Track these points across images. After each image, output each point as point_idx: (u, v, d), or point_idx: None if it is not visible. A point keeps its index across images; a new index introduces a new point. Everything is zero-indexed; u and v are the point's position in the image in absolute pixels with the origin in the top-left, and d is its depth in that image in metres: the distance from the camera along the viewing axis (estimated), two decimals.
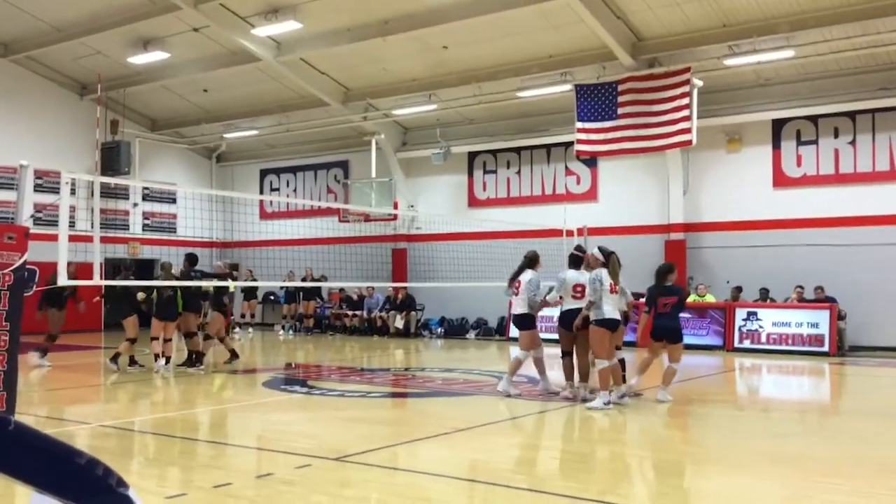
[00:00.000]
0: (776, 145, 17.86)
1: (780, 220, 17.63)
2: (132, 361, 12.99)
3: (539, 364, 10.09)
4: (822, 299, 16.26)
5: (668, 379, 9.61)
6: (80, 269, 12.81)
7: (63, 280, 8.56)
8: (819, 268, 16.85)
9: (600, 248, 9.52)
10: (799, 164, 17.62)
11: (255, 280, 21.38)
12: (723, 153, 18.47)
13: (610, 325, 9.06)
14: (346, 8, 17.34)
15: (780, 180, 17.82)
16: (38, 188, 20.45)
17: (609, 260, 9.31)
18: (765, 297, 17.16)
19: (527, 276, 10.10)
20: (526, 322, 10.05)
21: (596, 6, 15.65)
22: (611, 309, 9.11)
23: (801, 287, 16.44)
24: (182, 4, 17.18)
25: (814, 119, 17.34)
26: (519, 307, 10.09)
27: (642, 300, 11.25)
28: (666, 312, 9.60)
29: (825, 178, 17.31)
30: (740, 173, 18.23)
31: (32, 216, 10.55)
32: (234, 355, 13.90)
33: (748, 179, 18.11)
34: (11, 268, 7.07)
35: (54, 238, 15.18)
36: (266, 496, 5.37)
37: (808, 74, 17.03)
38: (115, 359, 12.93)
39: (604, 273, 9.19)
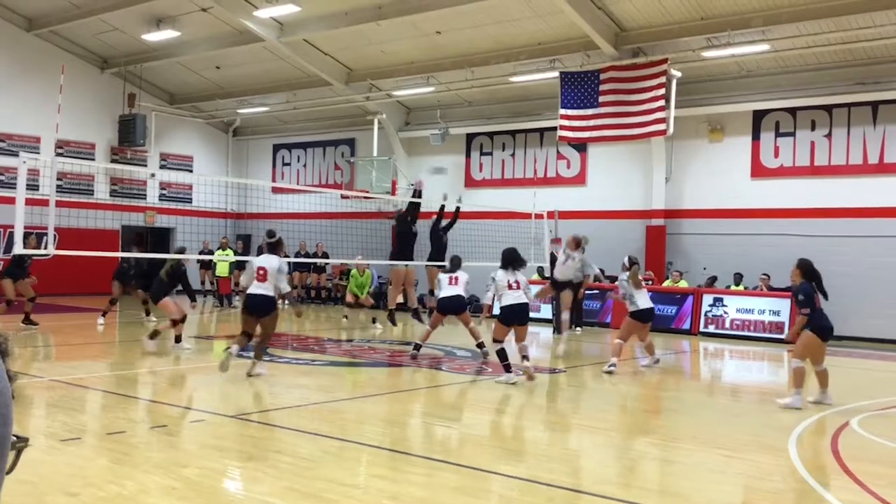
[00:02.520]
0: (756, 136, 18.25)
1: (756, 209, 18.05)
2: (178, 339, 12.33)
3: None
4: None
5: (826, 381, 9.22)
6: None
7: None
8: (792, 258, 17.08)
9: (629, 258, 11.88)
10: (777, 156, 18.00)
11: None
12: (705, 142, 18.90)
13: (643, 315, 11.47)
14: None
15: (758, 170, 18.22)
16: (58, 153, 21.66)
17: (632, 268, 11.63)
18: (738, 281, 17.64)
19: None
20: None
21: None
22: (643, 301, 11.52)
23: (767, 275, 16.88)
24: None
25: (792, 111, 17.68)
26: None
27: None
28: (821, 310, 9.38)
29: (801, 170, 17.68)
30: (721, 162, 18.67)
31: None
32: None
33: (728, 169, 18.55)
34: None
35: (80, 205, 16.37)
36: (148, 443, 6.27)
37: (788, 67, 17.36)
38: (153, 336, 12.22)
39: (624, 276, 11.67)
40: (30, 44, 22.69)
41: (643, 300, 11.52)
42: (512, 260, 10.21)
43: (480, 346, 11.68)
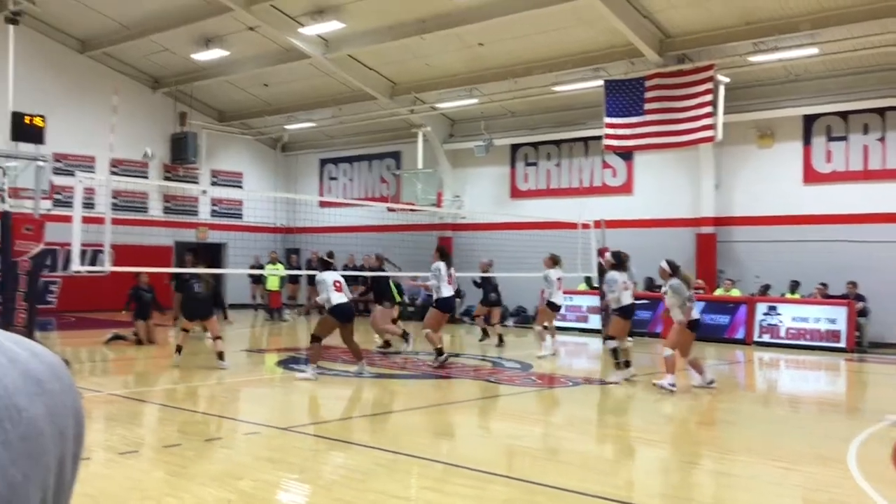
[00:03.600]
0: (807, 141, 17.93)
1: (809, 215, 17.70)
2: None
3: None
4: (854, 296, 16.31)
5: None
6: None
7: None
8: (847, 264, 16.89)
9: (668, 262, 10.54)
10: (829, 160, 17.66)
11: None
12: (754, 148, 18.62)
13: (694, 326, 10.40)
14: (385, 8, 18.24)
15: (810, 176, 17.88)
16: (113, 172, 22.18)
17: (677, 272, 10.40)
18: (794, 289, 17.30)
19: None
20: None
21: (619, 5, 16.08)
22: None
23: (824, 284, 16.52)
24: (234, 6, 18.43)
25: (844, 115, 17.33)
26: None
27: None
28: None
29: (854, 175, 17.30)
30: (771, 168, 18.36)
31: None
32: (392, 342, 15.13)
33: (779, 175, 18.23)
34: (29, 255, 8.31)
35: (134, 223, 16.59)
36: (203, 456, 6.38)
37: (837, 71, 17.04)
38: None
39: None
40: (83, 66, 23.32)
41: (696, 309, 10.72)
42: (625, 261, 11.19)
43: (440, 351, 12.35)
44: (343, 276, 21.97)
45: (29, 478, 0.66)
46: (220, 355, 11.74)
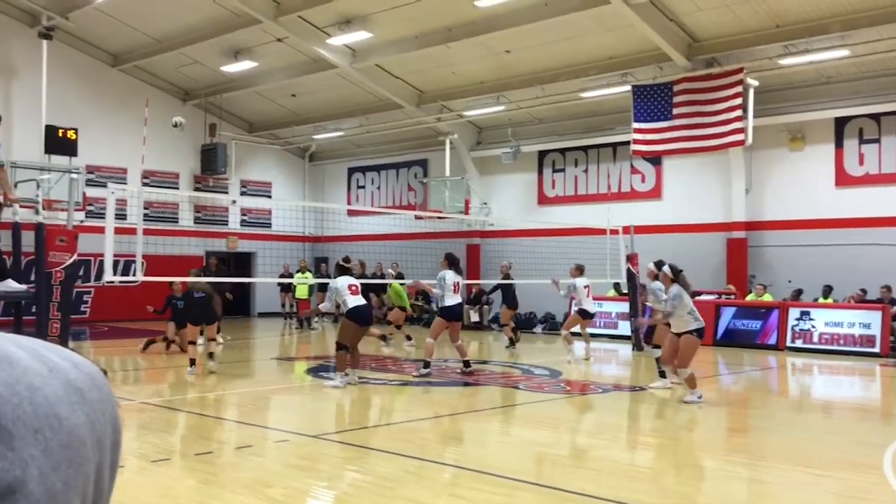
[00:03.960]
0: (839, 143, 17.71)
1: (842, 219, 17.47)
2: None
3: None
4: (889, 300, 16.06)
5: None
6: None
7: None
8: (881, 268, 16.64)
9: (670, 266, 9.94)
10: (861, 163, 17.42)
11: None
12: (785, 151, 18.42)
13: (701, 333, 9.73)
14: (412, 17, 18.31)
15: (843, 179, 17.66)
16: (144, 183, 22.47)
17: (678, 277, 9.84)
18: (827, 294, 17.06)
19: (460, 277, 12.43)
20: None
21: (646, 10, 16.00)
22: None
23: (864, 290, 16.28)
24: (263, 18, 18.62)
25: (876, 117, 17.10)
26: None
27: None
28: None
29: (888, 177, 17.06)
30: (803, 172, 18.16)
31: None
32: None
33: (811, 178, 18.02)
34: (63, 266, 8.44)
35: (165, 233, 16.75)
36: (234, 463, 6.43)
37: (870, 72, 16.82)
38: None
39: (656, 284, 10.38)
40: (115, 79, 23.67)
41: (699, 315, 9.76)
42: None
43: (467, 363, 12.27)
44: (372, 283, 22.20)
45: (69, 486, 0.67)
46: (211, 355, 12.13)
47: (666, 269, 9.98)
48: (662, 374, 10.96)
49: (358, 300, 10.74)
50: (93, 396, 0.71)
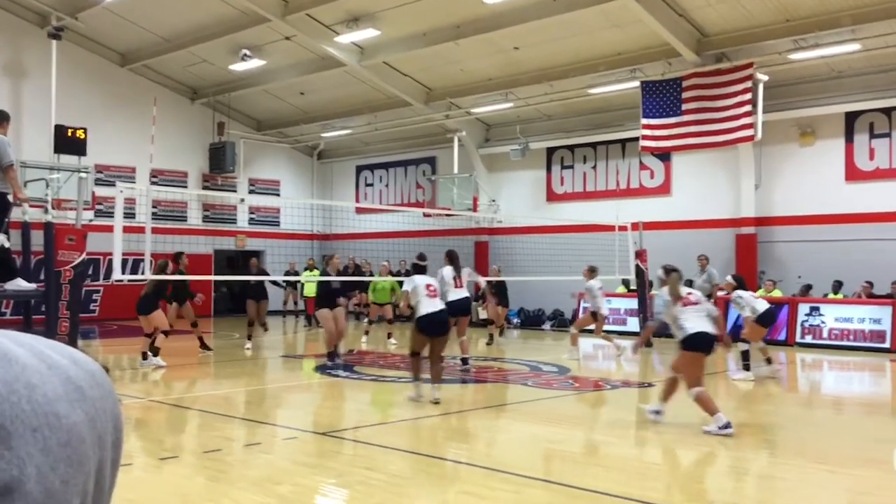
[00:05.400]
0: (849, 138, 17.60)
1: (852, 213, 17.36)
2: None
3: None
4: None
5: None
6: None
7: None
8: (891, 263, 16.52)
9: (662, 268, 8.81)
10: (872, 158, 17.31)
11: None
12: (795, 146, 18.32)
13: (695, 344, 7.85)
14: (420, 14, 18.28)
15: (853, 174, 17.55)
16: (153, 182, 22.51)
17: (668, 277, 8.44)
18: (837, 289, 16.99)
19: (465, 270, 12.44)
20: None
21: (654, 5, 15.94)
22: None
23: (870, 282, 16.19)
24: (271, 16, 18.62)
25: (887, 111, 16.99)
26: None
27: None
28: None
29: None
30: (813, 167, 18.06)
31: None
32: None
33: (821, 173, 17.92)
34: (72, 265, 8.46)
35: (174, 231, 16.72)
36: (243, 461, 6.43)
37: (881, 66, 16.70)
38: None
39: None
40: (123, 78, 23.72)
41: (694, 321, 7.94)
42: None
43: (465, 360, 12.33)
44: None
45: (68, 484, 0.66)
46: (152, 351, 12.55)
47: (659, 271, 8.74)
48: (747, 367, 11.51)
49: (434, 305, 9.27)
50: (93, 394, 0.70)
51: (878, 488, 5.84)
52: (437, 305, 9.29)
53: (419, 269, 10.10)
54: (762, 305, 11.92)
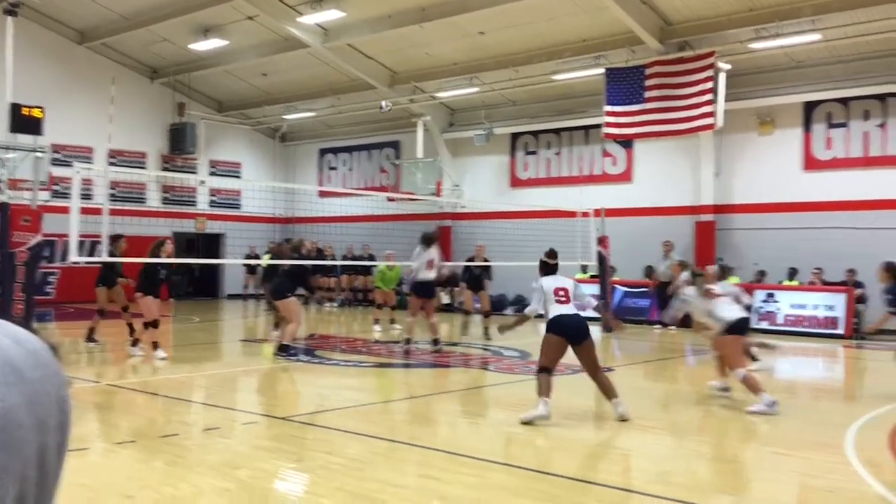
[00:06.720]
0: (807, 128, 17.89)
1: (809, 202, 17.68)
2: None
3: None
4: (853, 283, 16.30)
5: None
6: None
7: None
8: (846, 251, 16.86)
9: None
10: (829, 147, 17.62)
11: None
12: (754, 135, 18.57)
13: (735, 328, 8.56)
14: None
15: (810, 163, 17.85)
16: (111, 163, 22.10)
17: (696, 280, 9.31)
18: (792, 276, 17.31)
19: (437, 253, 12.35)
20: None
21: None
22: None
23: (819, 269, 16.51)
24: None
25: (845, 102, 17.29)
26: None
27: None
28: None
29: (854, 161, 17.27)
30: (771, 156, 18.34)
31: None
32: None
33: (779, 162, 18.21)
34: (27, 246, 8.29)
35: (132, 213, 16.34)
36: (201, 445, 6.39)
37: (840, 57, 16.98)
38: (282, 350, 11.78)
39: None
40: (82, 57, 23.25)
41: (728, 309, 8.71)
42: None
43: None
44: (343, 265, 22.13)
45: (6, 469, 0.64)
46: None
47: (685, 275, 10.22)
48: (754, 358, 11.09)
49: (564, 309, 7.79)
50: (34, 375, 0.68)
51: (828, 471, 5.99)
52: (567, 309, 7.82)
53: (549, 269, 8.20)
54: (731, 313, 8.78)
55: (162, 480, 5.38)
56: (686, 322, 11.66)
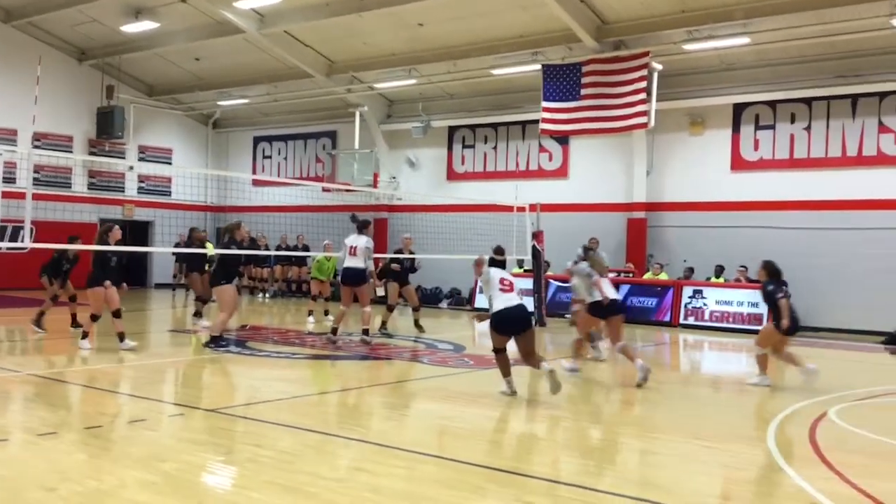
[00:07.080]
0: (736, 129, 18.38)
1: (736, 202, 18.19)
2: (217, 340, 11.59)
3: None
4: None
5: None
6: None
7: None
8: (771, 250, 17.19)
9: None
10: (756, 148, 18.14)
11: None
12: (686, 135, 18.99)
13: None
14: None
15: (738, 163, 18.35)
16: (35, 146, 21.39)
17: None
18: (719, 273, 17.78)
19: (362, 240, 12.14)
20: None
21: None
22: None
23: (745, 267, 17.00)
24: None
25: (772, 104, 17.81)
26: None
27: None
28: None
29: (780, 163, 17.84)
30: (701, 155, 18.78)
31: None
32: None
33: (708, 161, 18.67)
34: None
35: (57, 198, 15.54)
36: (126, 438, 6.22)
37: (769, 60, 17.47)
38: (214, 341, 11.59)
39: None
40: (7, 36, 22.41)
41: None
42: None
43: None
44: (276, 255, 21.81)
45: None
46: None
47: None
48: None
49: (509, 299, 8.40)
50: None
51: (750, 463, 6.16)
52: (513, 300, 8.39)
53: (495, 265, 8.88)
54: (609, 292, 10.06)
55: (85, 473, 5.23)
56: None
